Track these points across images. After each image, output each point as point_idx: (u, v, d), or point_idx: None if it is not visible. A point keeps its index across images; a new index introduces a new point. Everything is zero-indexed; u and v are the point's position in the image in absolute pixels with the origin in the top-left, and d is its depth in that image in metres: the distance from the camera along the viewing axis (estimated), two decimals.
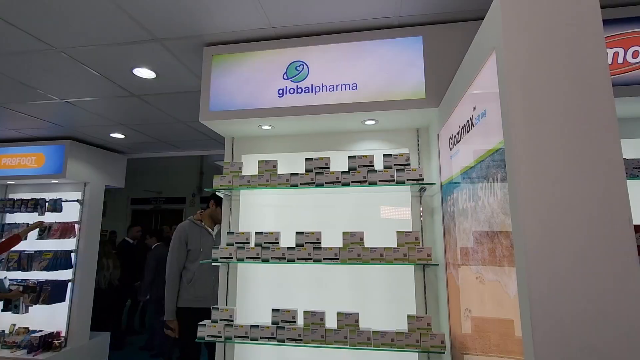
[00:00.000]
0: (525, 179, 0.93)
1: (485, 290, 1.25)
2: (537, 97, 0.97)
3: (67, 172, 3.92)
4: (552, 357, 0.83)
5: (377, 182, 1.96)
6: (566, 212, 0.90)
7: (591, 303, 0.85)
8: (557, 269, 0.87)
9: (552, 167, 0.92)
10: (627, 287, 0.84)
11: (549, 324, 0.85)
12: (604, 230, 0.87)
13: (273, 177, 2.07)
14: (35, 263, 3.86)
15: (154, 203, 10.83)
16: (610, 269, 0.85)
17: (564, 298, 0.86)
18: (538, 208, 0.91)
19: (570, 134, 0.93)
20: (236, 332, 1.95)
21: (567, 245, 0.88)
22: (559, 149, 0.93)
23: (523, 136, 0.95)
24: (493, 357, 1.20)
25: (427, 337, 1.80)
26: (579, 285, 0.86)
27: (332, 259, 1.93)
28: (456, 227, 1.65)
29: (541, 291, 0.87)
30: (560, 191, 0.91)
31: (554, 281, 0.87)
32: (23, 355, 3.63)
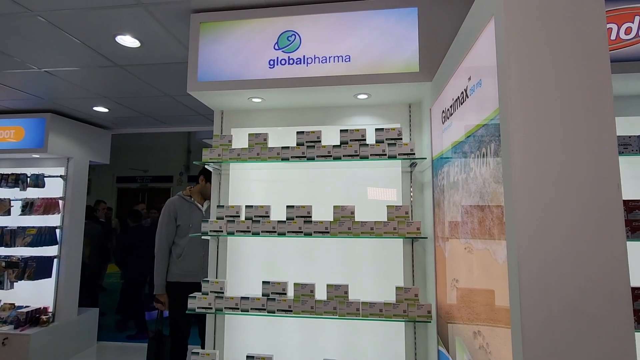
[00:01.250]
0: (520, 146, 0.93)
1: (474, 260, 1.27)
2: (535, 64, 0.96)
3: (48, 146, 3.79)
4: (538, 318, 0.86)
5: (368, 157, 1.95)
6: (558, 179, 0.90)
7: (578, 267, 0.87)
8: (547, 235, 0.89)
9: (546, 135, 0.92)
10: (612, 251, 0.86)
11: (536, 287, 0.87)
12: (594, 196, 0.89)
13: (264, 150, 2.04)
14: (18, 239, 3.78)
15: (140, 181, 10.66)
16: (598, 233, 0.87)
17: (552, 263, 0.88)
18: (531, 175, 0.91)
19: (566, 103, 0.93)
20: (226, 303, 1.97)
21: (558, 212, 0.89)
22: (555, 117, 0.93)
23: (519, 103, 0.94)
24: (477, 326, 1.24)
25: (414, 307, 1.84)
26: (567, 250, 0.88)
27: (323, 232, 1.94)
28: (446, 201, 1.67)
29: (530, 257, 0.89)
30: (553, 158, 0.91)
31: (543, 247, 0.88)
32: (10, 330, 3.61)
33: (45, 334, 3.69)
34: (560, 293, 0.86)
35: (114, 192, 10.73)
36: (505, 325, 0.99)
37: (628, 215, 1.78)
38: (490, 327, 1.12)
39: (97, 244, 5.09)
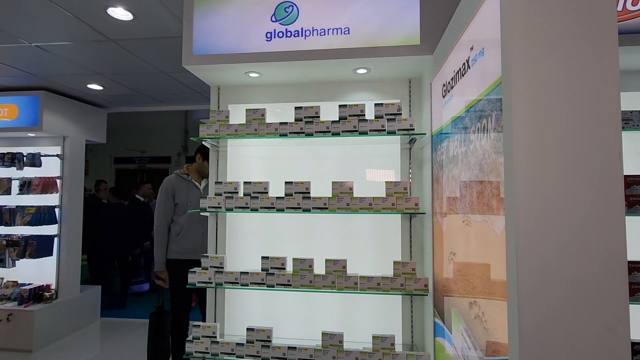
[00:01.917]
0: (521, 115, 0.91)
1: (472, 232, 1.28)
2: (539, 31, 0.93)
3: (43, 124, 3.74)
4: (534, 288, 0.87)
5: (367, 132, 1.93)
6: (559, 148, 0.89)
7: (576, 237, 0.87)
8: (546, 206, 0.89)
9: (549, 104, 0.91)
10: (611, 220, 0.87)
11: (534, 258, 0.88)
12: (594, 166, 0.88)
13: (261, 126, 2.01)
14: (18, 218, 3.79)
15: (138, 162, 10.60)
16: (598, 204, 0.87)
17: (550, 233, 0.88)
18: (532, 144, 0.90)
19: (571, 73, 0.91)
20: (226, 278, 1.99)
21: (558, 182, 0.89)
22: (559, 85, 0.91)
23: (522, 71, 0.92)
24: (473, 297, 1.26)
25: (412, 281, 1.87)
26: (566, 221, 0.88)
27: (321, 208, 1.94)
28: (445, 176, 1.66)
29: (529, 227, 0.89)
30: (555, 127, 0.90)
31: (542, 218, 0.88)
32: (14, 307, 3.67)
33: (48, 310, 3.76)
34: (557, 263, 0.87)
35: (112, 173, 10.69)
36: (501, 296, 1.00)
37: (626, 190, 1.78)
38: (486, 297, 1.14)
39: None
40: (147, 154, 10.56)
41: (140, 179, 10.39)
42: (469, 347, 1.31)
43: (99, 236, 4.93)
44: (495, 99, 1.04)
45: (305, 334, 2.12)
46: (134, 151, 10.54)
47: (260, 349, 1.94)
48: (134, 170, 10.43)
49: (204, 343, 1.98)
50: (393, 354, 1.86)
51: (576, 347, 0.84)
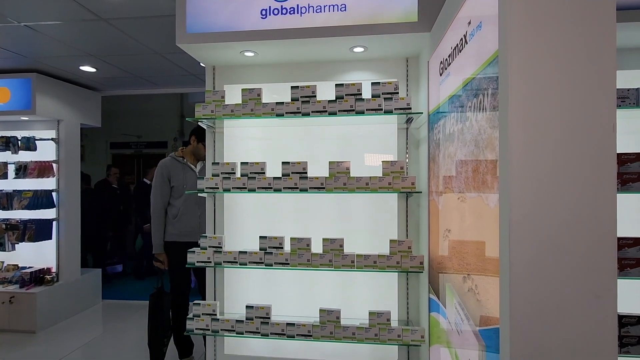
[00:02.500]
0: (518, 87, 0.91)
1: (466, 208, 1.30)
2: (537, 3, 0.92)
3: (36, 108, 3.69)
4: (525, 259, 0.89)
5: (364, 112, 1.92)
6: (554, 122, 0.90)
7: (568, 210, 0.89)
8: (539, 179, 0.90)
9: (545, 76, 0.91)
10: (603, 195, 0.88)
11: (526, 231, 0.89)
12: (588, 142, 0.89)
13: (257, 106, 2.00)
14: (15, 202, 3.78)
15: (134, 147, 10.53)
16: (590, 177, 0.88)
17: (543, 205, 0.89)
18: (527, 117, 0.90)
19: (567, 46, 0.90)
20: (225, 257, 2.02)
21: (552, 154, 0.89)
22: (555, 59, 0.91)
23: (519, 42, 0.91)
24: (467, 271, 1.29)
25: (407, 258, 1.91)
26: (559, 192, 0.89)
27: (318, 188, 1.95)
28: (441, 154, 1.67)
29: (522, 200, 0.90)
30: (551, 101, 0.90)
31: (535, 190, 0.90)
32: (16, 289, 3.72)
33: (50, 292, 3.81)
34: (549, 235, 0.89)
35: (109, 158, 10.63)
36: (494, 269, 1.02)
37: (620, 168, 1.80)
38: (479, 270, 1.16)
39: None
40: (143, 139, 10.47)
41: (137, 164, 10.34)
42: (462, 319, 1.34)
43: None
44: (492, 73, 1.04)
45: (303, 311, 2.17)
46: (130, 136, 10.45)
47: (259, 325, 1.98)
48: (130, 156, 10.36)
49: (205, 320, 2.03)
50: (389, 329, 1.91)
51: (565, 314, 0.87)
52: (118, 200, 5.66)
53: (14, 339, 3.53)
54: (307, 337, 1.95)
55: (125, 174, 6.87)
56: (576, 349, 0.86)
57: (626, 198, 1.89)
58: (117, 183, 5.71)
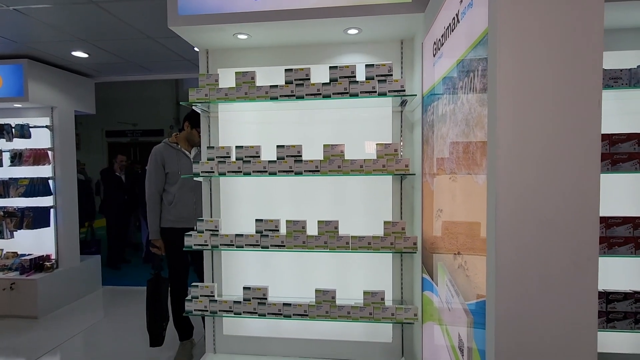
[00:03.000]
0: (506, 64, 0.92)
1: (457, 187, 1.32)
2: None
3: (29, 94, 3.66)
4: (512, 228, 0.91)
5: (358, 94, 1.92)
6: (541, 98, 0.91)
7: (553, 182, 0.91)
8: (526, 153, 0.91)
9: (534, 53, 0.91)
10: (588, 167, 0.90)
11: (512, 205, 0.92)
12: (575, 115, 0.90)
13: (252, 89, 1.99)
14: (12, 190, 3.79)
15: (130, 136, 10.47)
16: (576, 149, 0.90)
17: (528, 178, 0.91)
18: (515, 94, 0.92)
19: (557, 22, 0.91)
20: (222, 240, 2.05)
21: (538, 129, 0.91)
22: (544, 35, 0.91)
23: (509, 19, 0.92)
24: (457, 248, 1.32)
25: (401, 239, 1.94)
26: (545, 167, 0.91)
27: (313, 171, 1.97)
28: (434, 136, 1.68)
29: (508, 174, 0.92)
30: (539, 77, 0.91)
31: (521, 164, 0.91)
32: (16, 276, 3.76)
33: (50, 279, 3.85)
34: (534, 206, 0.91)
35: (105, 146, 10.58)
36: (482, 244, 1.05)
37: (610, 148, 1.82)
38: (468, 246, 1.19)
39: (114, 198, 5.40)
40: (139, 127, 10.41)
41: (133, 152, 10.30)
42: (452, 295, 1.38)
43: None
44: (482, 51, 1.04)
45: (299, 293, 2.21)
46: (125, 124, 10.38)
47: (256, 306, 2.03)
48: (126, 144, 10.32)
49: (203, 302, 2.07)
50: (383, 308, 1.96)
51: (549, 284, 0.90)
52: (123, 190, 5.53)
53: (16, 324, 3.59)
54: (303, 316, 2.00)
55: (134, 162, 6.77)
56: (559, 317, 0.90)
57: (616, 178, 1.92)
58: (124, 171, 5.58)
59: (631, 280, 1.95)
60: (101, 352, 3.08)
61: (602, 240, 1.83)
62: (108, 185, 5.44)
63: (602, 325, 1.86)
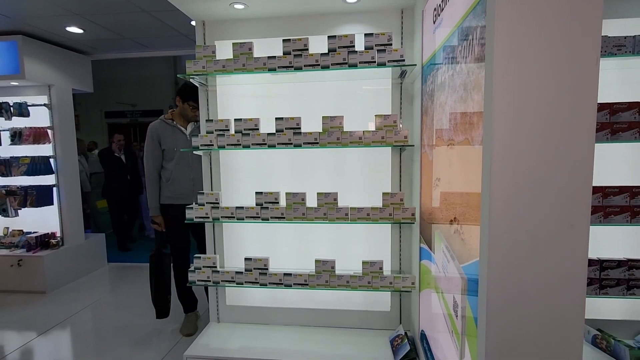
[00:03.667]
0: (504, 23, 0.90)
1: (454, 153, 1.33)
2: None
3: (25, 72, 3.62)
4: (507, 191, 0.92)
5: (357, 64, 1.90)
6: (538, 58, 0.90)
7: (548, 143, 0.91)
8: (521, 112, 0.91)
9: (531, 12, 0.90)
10: (583, 126, 0.90)
11: (507, 163, 0.93)
12: (571, 73, 0.90)
13: (249, 60, 1.97)
14: (14, 168, 3.81)
15: (130, 116, 10.41)
16: (573, 106, 0.90)
17: (524, 139, 0.92)
18: (511, 54, 0.91)
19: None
20: (222, 213, 2.08)
21: (535, 89, 0.91)
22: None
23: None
24: (453, 214, 1.34)
25: (400, 210, 1.96)
26: (540, 125, 0.91)
27: (312, 143, 1.97)
28: (433, 105, 1.67)
29: (504, 134, 0.92)
30: (536, 36, 0.90)
31: (516, 123, 0.92)
32: (23, 253, 3.84)
33: (56, 255, 3.93)
34: (529, 167, 0.92)
35: (104, 127, 10.54)
36: (477, 208, 1.07)
37: (610, 117, 1.81)
38: (463, 210, 1.21)
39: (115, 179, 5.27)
40: (138, 107, 10.33)
41: (133, 133, 10.27)
42: (447, 260, 1.41)
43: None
44: (480, 11, 1.02)
45: (299, 265, 2.26)
46: (124, 105, 10.30)
47: (258, 276, 2.08)
48: (126, 125, 10.27)
49: (205, 272, 2.12)
50: (381, 277, 2.00)
51: (541, 243, 0.92)
52: (124, 170, 5.35)
53: (26, 299, 3.70)
54: (303, 286, 2.05)
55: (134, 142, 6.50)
56: (550, 274, 0.92)
57: (615, 148, 1.92)
58: (123, 151, 5.37)
59: (626, 249, 1.98)
60: (109, 324, 3.19)
61: (599, 210, 1.85)
62: (108, 167, 5.25)
63: (595, 292, 1.90)
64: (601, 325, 2.05)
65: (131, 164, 5.41)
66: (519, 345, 0.94)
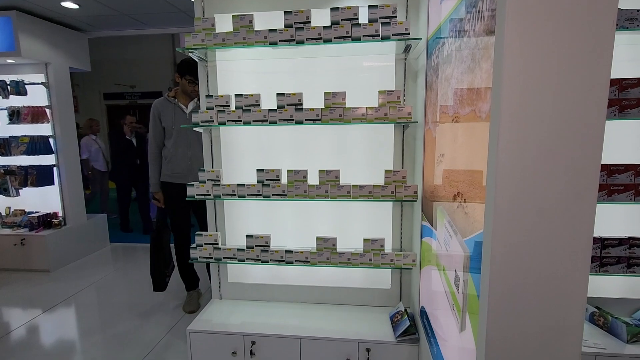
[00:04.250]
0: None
1: (460, 126, 1.30)
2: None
3: (21, 49, 3.55)
4: (513, 158, 0.91)
5: (361, 38, 1.84)
6: (552, 26, 0.86)
7: (558, 111, 0.89)
8: (532, 77, 0.88)
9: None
10: (594, 94, 0.87)
11: (516, 133, 0.90)
12: (585, 42, 0.86)
13: (250, 34, 1.92)
14: (13, 148, 3.79)
15: (129, 98, 10.29)
16: (586, 72, 0.87)
17: (532, 107, 0.89)
18: (523, 23, 0.87)
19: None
20: (224, 190, 2.07)
21: (546, 60, 0.87)
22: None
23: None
24: (457, 190, 1.32)
25: (402, 188, 1.95)
26: (551, 91, 0.88)
27: (314, 119, 1.94)
28: (438, 79, 1.63)
29: (512, 101, 0.90)
30: (550, 6, 0.86)
31: (526, 89, 0.89)
32: (25, 232, 3.86)
33: (59, 235, 3.96)
34: (537, 137, 0.90)
35: (103, 109, 10.44)
36: (481, 181, 1.05)
37: (619, 93, 1.77)
38: (468, 183, 1.20)
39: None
40: (137, 89, 10.20)
41: (132, 114, 10.18)
42: (450, 235, 1.41)
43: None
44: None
45: (301, 243, 2.27)
46: (123, 86, 10.17)
47: (259, 253, 2.09)
48: (125, 106, 10.16)
49: (207, 249, 2.13)
50: (382, 254, 2.01)
51: (548, 213, 0.91)
52: (134, 153, 5.22)
53: (30, 277, 3.74)
54: (304, 263, 2.06)
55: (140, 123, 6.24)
56: (555, 242, 0.91)
57: (623, 125, 1.89)
58: (134, 134, 5.21)
59: (629, 228, 1.98)
60: (113, 301, 3.23)
61: (603, 188, 1.83)
62: (118, 150, 5.10)
63: (595, 269, 1.91)
64: (599, 303, 2.07)
65: (141, 147, 5.29)
66: (521, 313, 0.95)
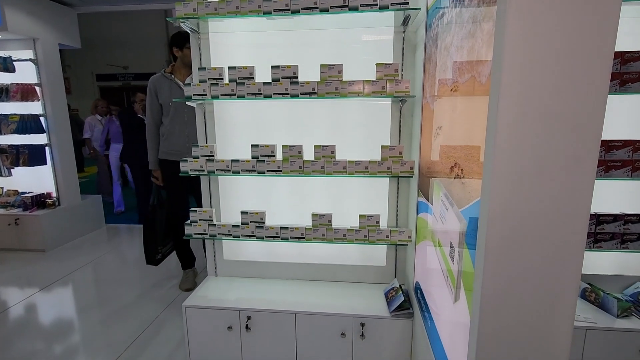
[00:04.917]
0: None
1: (458, 96, 1.27)
2: None
3: (7, 24, 3.43)
4: (512, 125, 0.88)
5: (358, 7, 1.78)
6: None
7: (560, 73, 0.86)
8: (534, 42, 0.85)
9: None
10: (596, 70, 0.84)
11: (515, 94, 0.87)
12: (591, 13, 0.82)
13: (243, 2, 1.84)
14: (2, 126, 3.72)
15: (122, 80, 10.10)
16: (585, 53, 0.84)
17: (534, 72, 0.86)
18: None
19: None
20: (218, 166, 2.04)
21: (549, 30, 0.84)
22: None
23: None
24: (455, 161, 1.30)
25: (398, 164, 1.93)
26: (552, 57, 0.85)
27: (310, 93, 1.89)
28: (438, 50, 1.59)
29: (514, 62, 0.86)
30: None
31: (527, 66, 0.86)
32: (19, 212, 3.83)
33: (54, 215, 3.93)
34: (538, 99, 0.87)
35: (96, 91, 10.25)
36: (478, 152, 1.03)
37: (621, 67, 1.74)
38: (466, 152, 1.17)
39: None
40: (130, 70, 10.00)
41: (127, 97, 10.01)
42: (446, 208, 1.40)
43: None
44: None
45: (296, 219, 2.26)
46: (115, 67, 9.96)
47: (254, 229, 2.07)
48: (118, 88, 9.98)
49: (202, 225, 2.12)
50: (378, 230, 2.00)
51: (546, 178, 0.89)
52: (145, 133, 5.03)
53: (26, 257, 3.73)
54: (300, 239, 2.05)
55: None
56: (553, 209, 0.90)
57: (623, 99, 1.86)
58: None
59: (625, 204, 1.98)
60: (110, 280, 3.24)
61: (601, 163, 1.82)
62: (129, 129, 4.75)
63: (589, 245, 1.92)
64: (592, 280, 2.09)
65: None
66: (516, 281, 0.94)
